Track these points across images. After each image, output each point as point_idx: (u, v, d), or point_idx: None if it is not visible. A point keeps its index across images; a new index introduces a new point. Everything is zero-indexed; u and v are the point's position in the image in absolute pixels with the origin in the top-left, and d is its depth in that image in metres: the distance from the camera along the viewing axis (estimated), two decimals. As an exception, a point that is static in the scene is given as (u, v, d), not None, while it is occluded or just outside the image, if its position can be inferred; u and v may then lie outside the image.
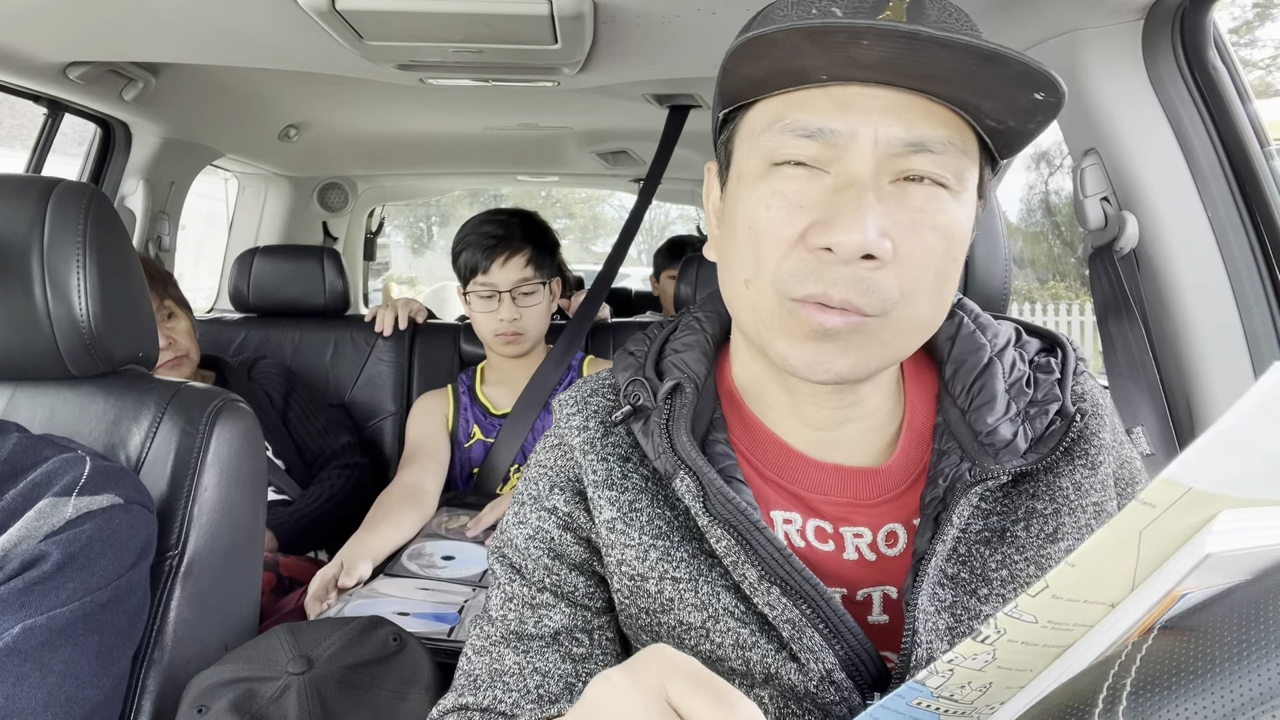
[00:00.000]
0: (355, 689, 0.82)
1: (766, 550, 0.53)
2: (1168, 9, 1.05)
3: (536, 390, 1.63)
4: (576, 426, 0.63)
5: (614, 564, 0.58)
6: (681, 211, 7.87)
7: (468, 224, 1.62)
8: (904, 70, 0.47)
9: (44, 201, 0.87)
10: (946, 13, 0.52)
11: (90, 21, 1.26)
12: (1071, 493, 0.57)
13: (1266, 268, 1.08)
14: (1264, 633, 0.24)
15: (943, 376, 0.62)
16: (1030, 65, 0.45)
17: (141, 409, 0.91)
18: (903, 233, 0.50)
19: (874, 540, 0.58)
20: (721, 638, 0.54)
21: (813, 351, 0.52)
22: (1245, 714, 0.23)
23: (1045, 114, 0.49)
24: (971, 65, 0.46)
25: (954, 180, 0.51)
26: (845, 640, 0.53)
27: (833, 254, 0.49)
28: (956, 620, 0.54)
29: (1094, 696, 0.26)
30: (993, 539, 0.56)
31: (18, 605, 0.69)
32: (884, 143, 0.49)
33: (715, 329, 0.66)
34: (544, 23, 1.19)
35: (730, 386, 0.64)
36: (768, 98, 0.53)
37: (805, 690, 0.53)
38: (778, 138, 0.51)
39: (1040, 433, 0.57)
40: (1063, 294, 9.21)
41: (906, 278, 0.50)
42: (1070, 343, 0.63)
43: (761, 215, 0.52)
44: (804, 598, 0.53)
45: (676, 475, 0.56)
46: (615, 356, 0.67)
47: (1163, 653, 0.26)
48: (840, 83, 0.50)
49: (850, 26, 0.45)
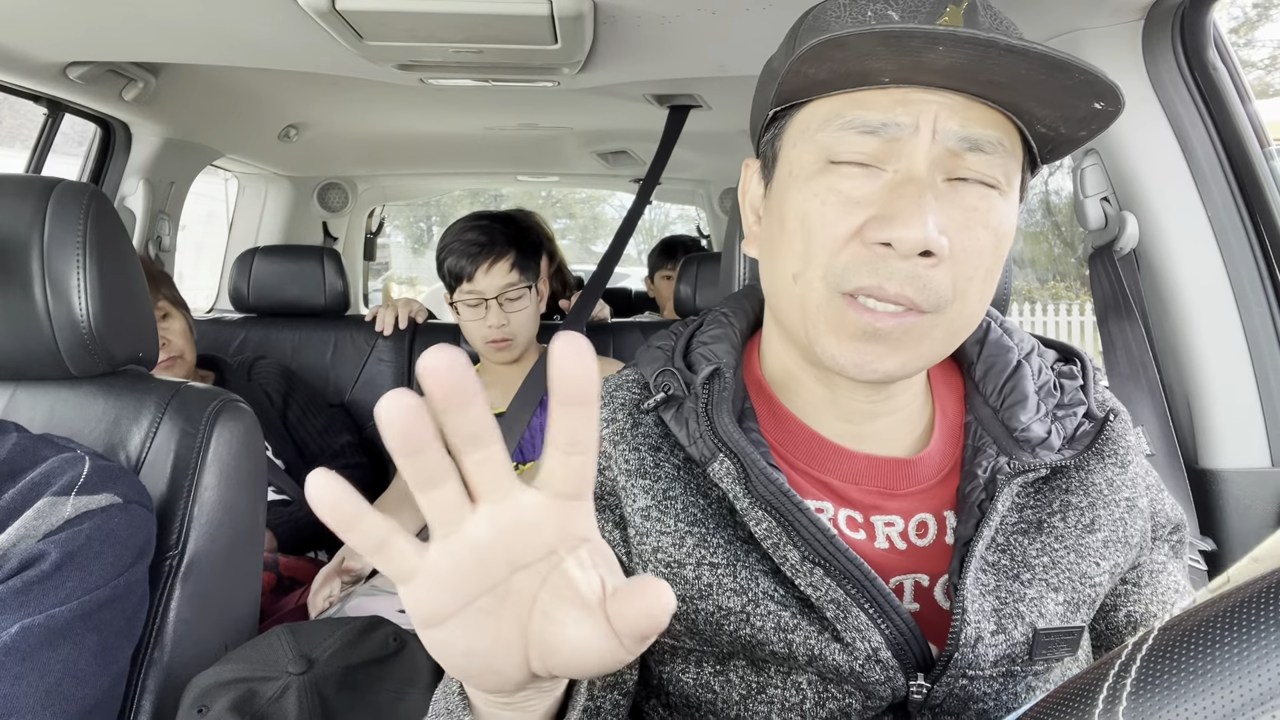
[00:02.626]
0: (355, 689, 0.82)
1: (809, 531, 0.53)
2: (1168, 9, 1.05)
3: (532, 389, 1.62)
4: (604, 419, 0.62)
5: (648, 551, 0.58)
6: (682, 211, 7.86)
7: (450, 230, 1.60)
8: (969, 76, 0.49)
9: (44, 201, 0.87)
10: (998, 19, 0.53)
11: (90, 21, 1.26)
12: (1104, 488, 0.59)
13: (1266, 268, 1.08)
14: (1264, 633, 0.24)
15: (972, 377, 0.64)
16: (1096, 74, 0.46)
17: (141, 409, 0.91)
18: (958, 230, 0.51)
19: (905, 529, 0.58)
20: (762, 621, 0.54)
21: (861, 351, 0.52)
22: (1245, 714, 0.23)
23: (1100, 123, 0.50)
24: (1041, 74, 0.47)
25: (1003, 181, 0.52)
26: (891, 620, 0.53)
27: (891, 249, 0.50)
28: (1001, 603, 0.55)
29: (1094, 696, 0.26)
30: (1030, 530, 0.58)
31: (16, 604, 0.69)
32: (941, 135, 0.50)
33: (743, 324, 0.67)
34: (544, 23, 1.19)
35: (759, 378, 0.65)
36: (824, 97, 0.54)
37: (850, 670, 0.53)
38: (837, 134, 0.52)
39: (1071, 432, 0.60)
40: (1063, 294, 9.21)
41: (960, 275, 0.51)
42: (1086, 355, 0.65)
43: (816, 210, 0.52)
44: (848, 577, 0.53)
45: (715, 459, 0.56)
46: (639, 353, 0.67)
47: (1163, 653, 0.26)
48: (901, 86, 0.51)
49: (929, 33, 0.45)
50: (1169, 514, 0.65)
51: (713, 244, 3.54)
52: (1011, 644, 0.54)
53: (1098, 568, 0.57)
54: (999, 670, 0.54)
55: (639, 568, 0.59)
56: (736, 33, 1.26)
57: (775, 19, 1.18)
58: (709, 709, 0.57)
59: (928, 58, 0.47)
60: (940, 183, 0.51)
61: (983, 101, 0.50)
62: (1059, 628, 0.55)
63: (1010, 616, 0.54)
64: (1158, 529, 0.65)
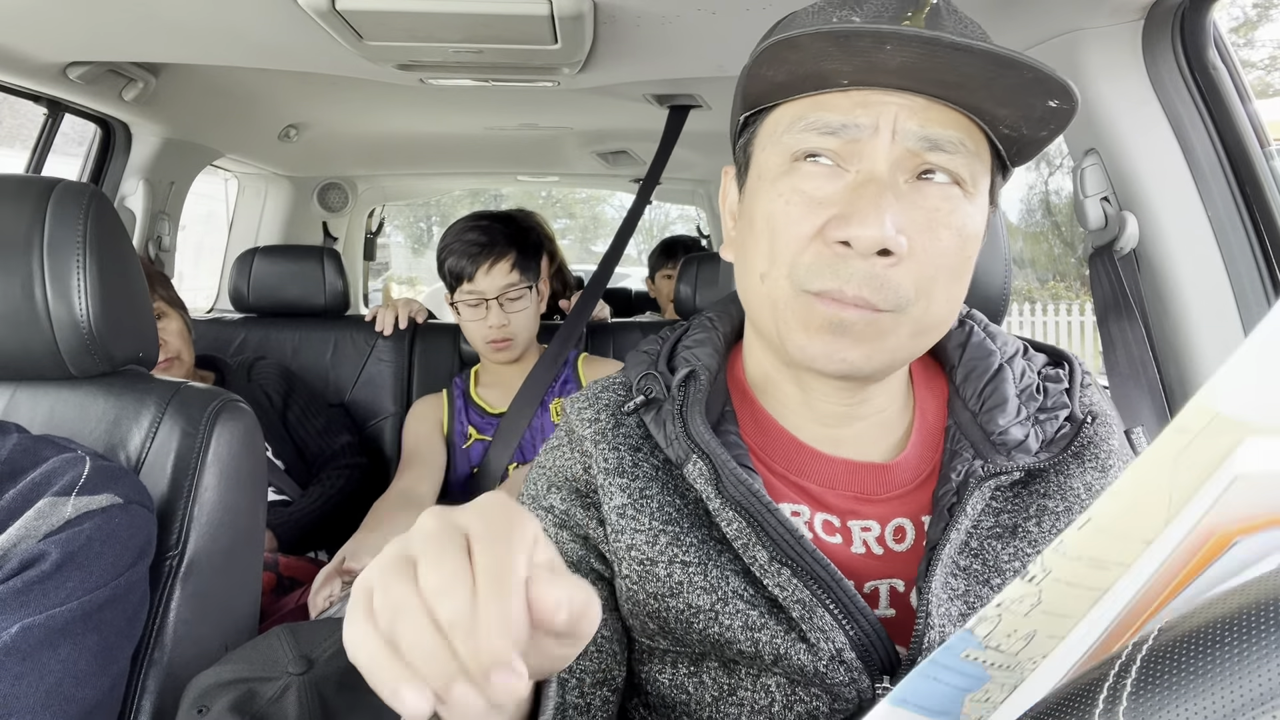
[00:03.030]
0: (355, 689, 0.82)
1: (778, 532, 0.54)
2: (1168, 9, 1.05)
3: (532, 389, 1.63)
4: (588, 419, 0.64)
5: (623, 549, 0.58)
6: (682, 211, 7.87)
7: (450, 230, 1.61)
8: (923, 75, 0.49)
9: (44, 201, 0.87)
10: (963, 24, 0.54)
11: (90, 21, 1.26)
12: (1082, 492, 0.59)
13: (1266, 268, 1.08)
14: (1264, 633, 0.24)
15: (953, 381, 0.64)
16: (1045, 71, 0.47)
17: (141, 409, 0.91)
18: (919, 230, 0.51)
19: (882, 534, 0.59)
20: (730, 620, 0.55)
21: (828, 343, 0.53)
22: (1245, 714, 0.23)
23: (1058, 121, 0.51)
24: (989, 71, 0.48)
25: (968, 180, 0.52)
26: (856, 621, 0.54)
27: (850, 248, 0.50)
28: (969, 607, 0.55)
29: (1094, 696, 0.26)
30: (1004, 534, 0.58)
31: (16, 604, 0.69)
32: (901, 135, 0.51)
33: (727, 328, 0.67)
34: (544, 23, 1.19)
35: (741, 381, 0.65)
36: (789, 101, 0.55)
37: (815, 671, 0.53)
38: (801, 134, 0.53)
39: (1051, 436, 0.59)
40: (1063, 294, 9.21)
41: (922, 275, 0.52)
42: (1076, 358, 0.65)
43: (780, 210, 0.53)
44: (814, 578, 0.54)
45: (689, 460, 0.57)
46: (628, 357, 0.68)
47: (1163, 653, 0.26)
48: (861, 87, 0.51)
49: (875, 31, 0.46)
50: None
51: (713, 244, 3.54)
52: None
53: None
54: None
55: (615, 565, 0.60)
56: (736, 33, 1.26)
57: (775, 19, 1.18)
58: (683, 710, 0.58)
59: (878, 58, 0.48)
60: (902, 183, 0.52)
61: (942, 103, 0.51)
62: None
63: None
64: None
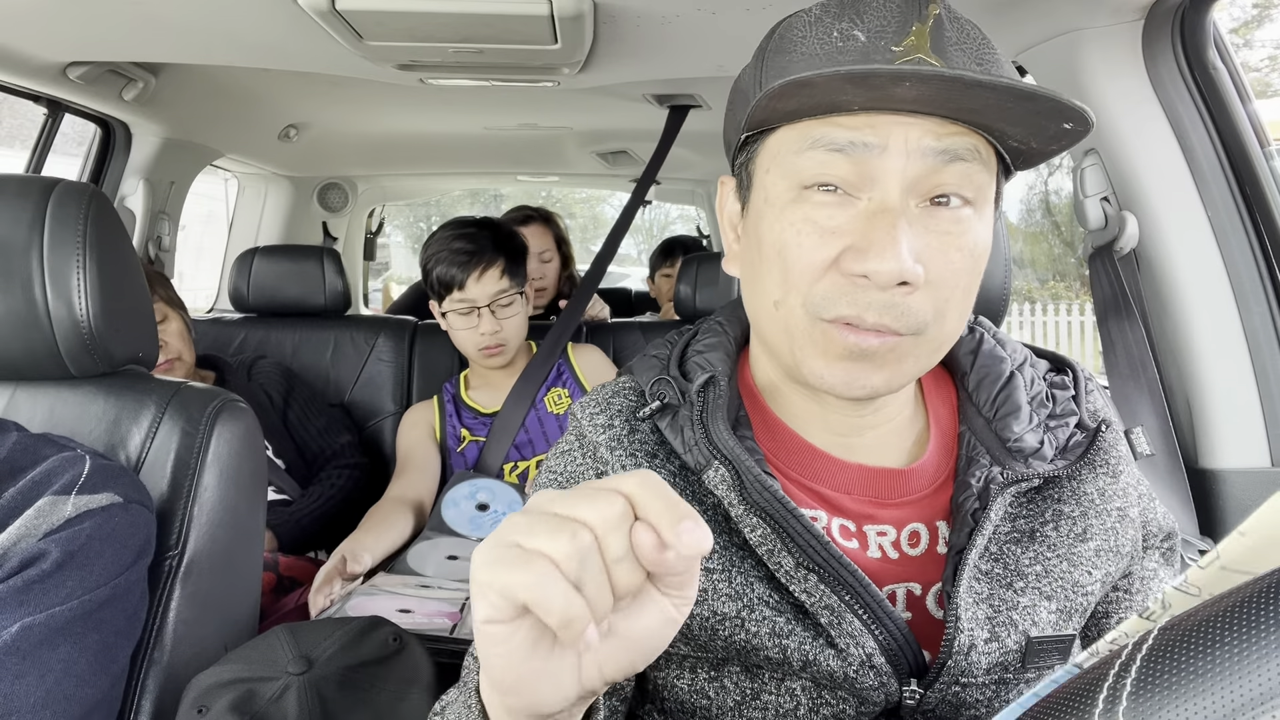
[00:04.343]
0: (355, 689, 0.82)
1: (803, 538, 0.54)
2: (1168, 9, 1.05)
3: (525, 387, 1.63)
4: (601, 425, 0.63)
5: None
6: (682, 211, 7.86)
7: (435, 239, 1.59)
8: (938, 104, 0.49)
9: (44, 201, 0.87)
10: (964, 32, 0.53)
11: (90, 21, 1.26)
12: (1096, 497, 0.60)
13: (1266, 268, 1.08)
14: (1264, 633, 0.24)
15: (965, 388, 0.64)
16: (1062, 102, 0.47)
17: (141, 409, 0.91)
18: (934, 255, 0.51)
19: (897, 539, 0.59)
20: (757, 627, 0.54)
21: (849, 370, 0.53)
22: (1245, 714, 0.23)
23: (1070, 139, 0.51)
24: (1008, 103, 0.47)
25: (979, 194, 0.52)
26: (884, 626, 0.54)
27: (868, 280, 0.50)
28: (995, 611, 0.55)
29: (1094, 696, 0.26)
30: (1022, 539, 0.58)
31: (16, 603, 0.69)
32: (915, 153, 0.50)
33: (736, 332, 0.67)
34: (544, 23, 1.19)
35: (752, 387, 0.65)
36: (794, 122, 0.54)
37: (844, 676, 0.53)
38: (808, 155, 0.52)
39: (1063, 443, 0.60)
40: (1063, 294, 9.20)
41: (938, 298, 0.52)
42: (1078, 364, 0.66)
43: (792, 240, 0.53)
44: (841, 584, 0.54)
45: (710, 467, 0.57)
46: (635, 361, 0.67)
47: (1163, 653, 0.26)
48: (871, 112, 0.51)
49: (894, 73, 0.46)
50: (1160, 523, 0.66)
51: (713, 244, 3.54)
52: (1005, 652, 0.54)
53: (1090, 576, 0.58)
54: (991, 678, 0.55)
55: None
56: (736, 33, 1.26)
57: (775, 19, 1.18)
58: (703, 715, 0.58)
59: (895, 91, 0.48)
60: (914, 207, 0.51)
61: (954, 122, 0.51)
62: (1051, 636, 0.56)
63: (1003, 624, 0.55)
64: (1149, 538, 0.65)
